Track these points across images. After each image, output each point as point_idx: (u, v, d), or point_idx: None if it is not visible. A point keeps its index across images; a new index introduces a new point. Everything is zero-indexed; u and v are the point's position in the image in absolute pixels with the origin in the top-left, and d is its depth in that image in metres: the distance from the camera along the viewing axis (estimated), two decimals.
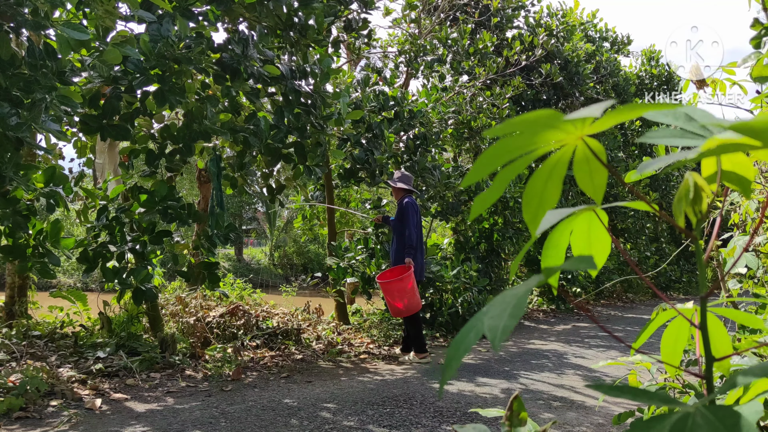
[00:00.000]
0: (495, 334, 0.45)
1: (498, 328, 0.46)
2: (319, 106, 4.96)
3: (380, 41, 10.46)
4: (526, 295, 0.49)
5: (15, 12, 3.08)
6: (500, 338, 0.44)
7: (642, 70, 14.78)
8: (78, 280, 17.82)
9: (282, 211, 27.15)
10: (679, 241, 14.72)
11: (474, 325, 0.51)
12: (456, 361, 0.50)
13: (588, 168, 0.60)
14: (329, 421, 3.50)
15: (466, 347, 0.50)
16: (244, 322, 5.91)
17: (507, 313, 0.47)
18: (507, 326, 0.45)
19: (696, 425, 0.43)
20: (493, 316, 0.48)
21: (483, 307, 0.53)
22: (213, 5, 4.13)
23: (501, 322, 0.46)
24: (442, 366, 0.52)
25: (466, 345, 0.50)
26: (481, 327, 0.50)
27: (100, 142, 5.17)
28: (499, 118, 9.13)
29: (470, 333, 0.51)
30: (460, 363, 0.50)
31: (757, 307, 2.08)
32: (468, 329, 0.52)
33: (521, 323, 8.80)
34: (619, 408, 3.99)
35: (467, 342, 0.50)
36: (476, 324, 0.51)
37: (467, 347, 0.50)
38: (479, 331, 0.50)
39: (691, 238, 0.62)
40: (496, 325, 0.46)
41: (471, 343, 0.50)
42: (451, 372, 0.50)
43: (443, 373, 0.51)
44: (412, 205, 5.69)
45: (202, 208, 7.23)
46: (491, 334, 0.45)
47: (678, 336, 0.83)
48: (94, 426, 3.31)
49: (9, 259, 4.23)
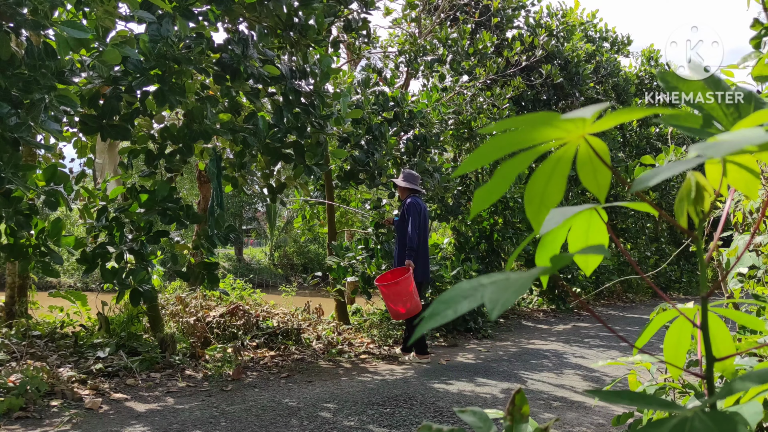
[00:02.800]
0: (495, 305, 0.46)
1: (498, 301, 0.46)
2: (319, 106, 4.95)
3: (380, 41, 10.46)
4: (530, 279, 0.49)
5: (14, 12, 3.08)
6: (499, 310, 0.45)
7: (642, 70, 14.77)
8: (78, 280, 17.83)
9: (282, 211, 27.16)
10: (678, 241, 14.71)
11: (471, 294, 0.50)
12: (440, 318, 0.49)
13: (592, 167, 0.61)
14: (329, 421, 3.49)
15: (455, 311, 0.49)
16: (244, 322, 5.91)
17: (510, 291, 0.47)
18: (507, 300, 0.46)
19: (694, 430, 0.43)
20: (495, 290, 0.48)
21: (481, 277, 0.52)
22: (213, 5, 4.12)
23: (502, 297, 0.47)
24: (424, 316, 0.50)
25: (455, 309, 0.49)
26: (477, 297, 0.49)
27: (100, 142, 5.17)
28: (499, 118, 9.13)
29: (465, 300, 0.49)
30: (440, 323, 0.48)
31: (758, 308, 2.08)
32: (462, 294, 0.50)
33: (521, 323, 8.79)
34: (618, 408, 3.98)
35: (459, 307, 0.49)
36: (473, 293, 0.50)
37: (456, 312, 0.48)
38: (474, 300, 0.49)
39: (692, 238, 0.61)
40: (497, 298, 0.47)
41: (462, 309, 0.49)
42: (428, 326, 0.48)
43: (420, 325, 0.49)
44: (415, 205, 5.53)
45: (202, 208, 7.23)
46: (491, 305, 0.46)
47: (680, 336, 0.83)
48: (94, 426, 3.31)
49: (11, 259, 4.22)
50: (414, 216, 5.48)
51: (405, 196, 5.72)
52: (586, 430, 3.49)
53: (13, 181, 3.33)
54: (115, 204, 4.65)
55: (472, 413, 0.73)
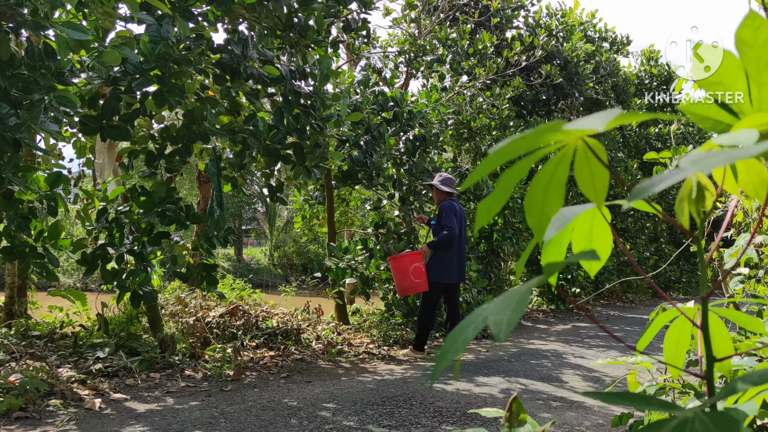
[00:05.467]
0: (500, 327, 0.46)
1: (503, 322, 0.47)
2: (319, 108, 4.95)
3: (380, 41, 10.46)
4: (528, 292, 0.50)
5: (14, 12, 3.07)
6: (506, 331, 0.45)
7: (641, 70, 14.78)
8: (78, 280, 17.82)
9: (282, 211, 27.16)
10: (678, 241, 14.71)
11: (473, 320, 0.51)
12: (452, 353, 0.50)
13: (589, 170, 0.60)
14: (329, 421, 3.49)
15: (464, 340, 0.50)
16: (244, 322, 5.91)
17: (511, 308, 0.47)
18: (511, 320, 0.46)
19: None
20: (496, 311, 0.48)
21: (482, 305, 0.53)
22: (213, 6, 4.12)
23: (505, 316, 0.47)
24: (437, 356, 0.51)
25: (464, 338, 0.50)
26: (479, 322, 0.50)
27: (99, 142, 5.17)
28: (498, 118, 9.13)
29: (469, 327, 0.51)
30: (456, 357, 0.49)
31: (759, 309, 2.08)
32: (466, 323, 0.52)
33: (521, 323, 8.80)
34: (618, 408, 3.98)
35: (465, 335, 0.50)
36: (475, 319, 0.51)
37: (465, 341, 0.50)
38: (478, 325, 0.50)
39: (693, 238, 0.61)
40: (500, 319, 0.47)
41: (469, 337, 0.50)
42: (445, 363, 0.50)
43: (436, 363, 0.50)
44: (451, 206, 5.68)
45: (202, 208, 7.23)
46: (496, 328, 0.46)
47: (680, 336, 0.83)
48: (93, 426, 3.31)
49: (10, 260, 4.22)
50: (449, 214, 5.60)
51: (441, 199, 5.82)
52: (586, 431, 3.49)
53: (14, 181, 3.33)
54: (114, 205, 4.65)
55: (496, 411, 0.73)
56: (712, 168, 0.42)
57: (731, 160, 0.43)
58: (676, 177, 0.46)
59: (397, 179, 7.15)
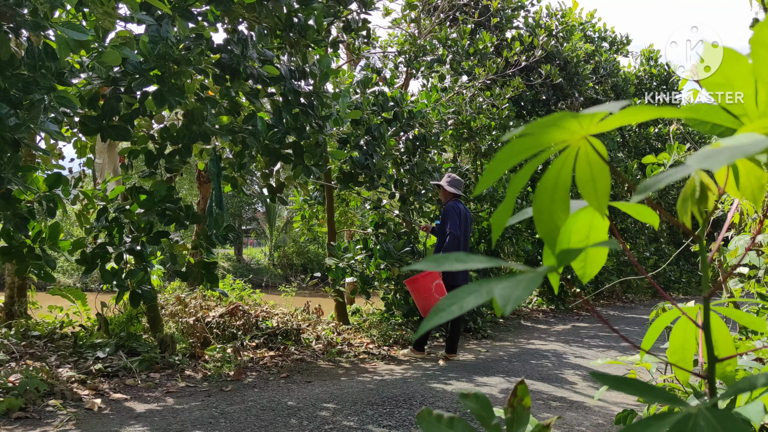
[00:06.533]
0: (507, 300, 0.46)
1: (510, 297, 0.46)
2: (318, 107, 4.95)
3: (380, 41, 10.46)
4: (539, 276, 0.49)
5: (14, 12, 3.07)
6: (511, 306, 0.45)
7: (641, 70, 14.78)
8: (77, 280, 17.81)
9: (281, 211, 27.15)
10: (678, 241, 14.72)
11: (475, 289, 0.50)
12: (446, 314, 0.49)
13: (591, 173, 0.58)
14: (329, 421, 3.49)
15: (462, 306, 0.49)
16: (244, 322, 5.90)
17: (521, 287, 0.47)
18: (519, 296, 0.46)
19: (697, 427, 0.42)
20: (506, 287, 0.48)
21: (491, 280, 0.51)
22: (212, 5, 4.12)
23: (514, 292, 0.47)
24: (431, 311, 0.50)
25: (463, 304, 0.49)
26: (483, 293, 0.49)
27: (99, 142, 5.17)
28: (498, 118, 9.13)
29: (470, 295, 0.49)
30: (446, 319, 0.48)
31: (759, 308, 2.08)
32: (467, 291, 0.50)
33: (520, 323, 8.80)
34: (618, 408, 3.98)
35: (465, 302, 0.49)
36: (478, 288, 0.49)
37: (463, 307, 0.49)
38: (481, 295, 0.49)
39: (694, 238, 0.61)
40: (508, 294, 0.47)
41: (469, 305, 0.48)
42: (436, 321, 0.48)
43: (426, 320, 0.49)
44: (455, 207, 5.61)
45: (202, 208, 7.23)
46: (503, 301, 0.46)
47: (686, 338, 0.82)
48: (93, 426, 3.31)
49: (7, 260, 4.22)
50: (453, 216, 5.55)
51: (447, 200, 5.78)
52: (586, 431, 3.49)
53: (14, 181, 3.33)
54: (114, 204, 4.65)
55: (474, 399, 0.73)
56: (720, 165, 0.42)
57: (740, 156, 0.43)
58: (681, 173, 0.46)
59: (397, 179, 7.15)
